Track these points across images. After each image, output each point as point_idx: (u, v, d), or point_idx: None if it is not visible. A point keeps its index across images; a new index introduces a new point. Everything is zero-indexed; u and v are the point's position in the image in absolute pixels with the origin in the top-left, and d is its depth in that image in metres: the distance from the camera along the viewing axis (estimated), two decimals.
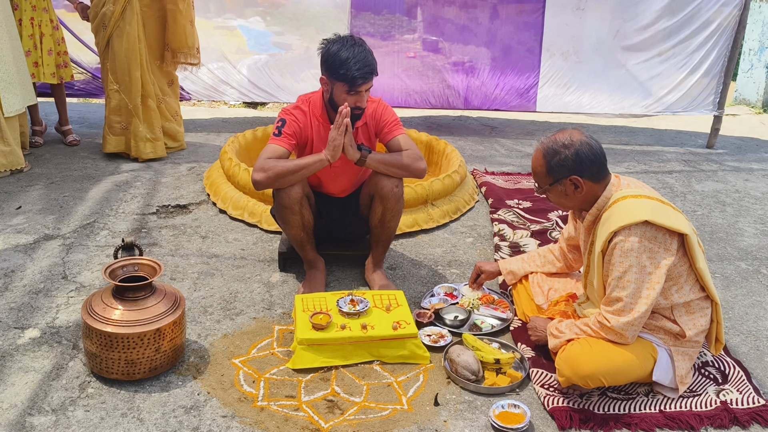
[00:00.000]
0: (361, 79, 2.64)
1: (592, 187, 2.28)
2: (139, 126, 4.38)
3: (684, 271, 2.22)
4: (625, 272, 2.16)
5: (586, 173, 2.25)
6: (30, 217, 3.54)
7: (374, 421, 2.18)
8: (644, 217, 2.13)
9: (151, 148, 4.46)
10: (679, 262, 2.20)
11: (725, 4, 5.19)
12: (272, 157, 2.69)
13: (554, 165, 2.27)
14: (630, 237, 2.14)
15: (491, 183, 4.34)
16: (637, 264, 2.14)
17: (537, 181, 2.36)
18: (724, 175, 4.88)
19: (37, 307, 2.73)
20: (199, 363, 2.44)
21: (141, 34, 4.28)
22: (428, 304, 2.87)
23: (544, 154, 2.29)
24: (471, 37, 5.43)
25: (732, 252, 3.59)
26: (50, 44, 4.45)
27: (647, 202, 2.21)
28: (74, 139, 4.78)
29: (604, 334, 2.22)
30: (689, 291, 2.25)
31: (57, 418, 2.13)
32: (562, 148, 2.25)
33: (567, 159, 2.24)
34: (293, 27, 5.50)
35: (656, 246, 2.15)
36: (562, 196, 2.33)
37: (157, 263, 2.36)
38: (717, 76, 5.42)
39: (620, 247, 2.16)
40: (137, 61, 4.28)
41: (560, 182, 2.29)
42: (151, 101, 4.41)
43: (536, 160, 2.33)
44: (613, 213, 2.22)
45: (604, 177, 2.29)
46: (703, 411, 2.26)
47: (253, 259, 3.24)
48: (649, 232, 2.14)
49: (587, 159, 2.24)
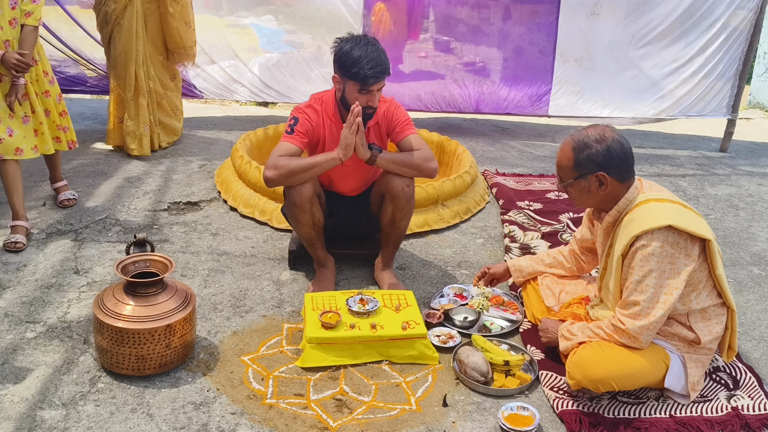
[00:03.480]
0: (373, 78, 2.64)
1: (617, 186, 2.25)
2: (128, 121, 4.40)
3: (704, 277, 2.19)
4: (645, 276, 2.12)
5: (614, 171, 2.22)
6: (42, 212, 3.56)
7: (382, 421, 2.18)
8: (667, 222, 2.09)
9: (136, 144, 4.44)
10: (700, 268, 2.17)
11: (740, 7, 5.14)
12: (284, 155, 2.69)
13: (583, 159, 2.23)
14: (652, 242, 2.11)
15: (502, 184, 4.33)
16: (658, 269, 2.11)
17: (561, 174, 2.31)
18: (738, 179, 4.84)
19: (48, 301, 2.75)
20: (209, 360, 2.44)
21: (140, 30, 4.31)
22: (438, 304, 2.86)
23: (574, 147, 2.24)
24: (483, 38, 5.41)
25: (745, 257, 3.56)
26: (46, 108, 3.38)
27: (670, 206, 2.18)
28: (67, 198, 3.65)
29: (617, 338, 2.20)
30: (706, 297, 2.22)
31: (67, 412, 2.14)
32: (593, 143, 2.21)
33: (597, 154, 2.20)
34: (305, 26, 5.51)
35: (678, 252, 2.11)
36: (585, 192, 2.28)
37: (168, 260, 2.37)
38: (731, 80, 5.37)
39: (642, 252, 2.13)
40: (132, 57, 4.31)
41: (585, 177, 2.24)
42: (142, 99, 4.41)
43: (563, 153, 2.28)
44: (635, 216, 2.18)
45: (629, 178, 2.26)
46: (713, 417, 2.24)
47: (263, 257, 3.24)
48: (672, 237, 2.11)
49: (617, 157, 2.21)
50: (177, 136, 4.81)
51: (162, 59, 4.57)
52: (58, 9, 5.03)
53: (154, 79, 4.50)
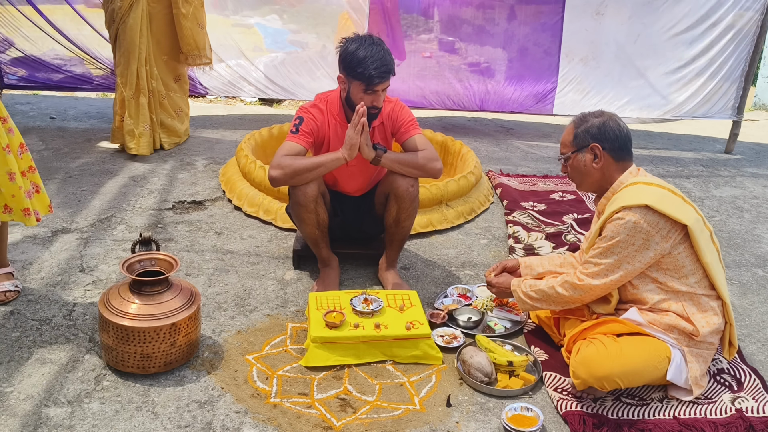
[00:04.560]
0: (377, 78, 2.65)
1: (611, 164, 2.35)
2: (127, 119, 4.40)
3: (688, 262, 2.24)
4: (614, 245, 2.23)
5: (607, 145, 2.34)
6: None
7: (386, 421, 2.19)
8: (645, 202, 2.19)
9: (134, 143, 4.42)
10: (684, 252, 2.23)
11: (746, 8, 5.12)
12: (289, 155, 2.70)
13: (580, 132, 2.38)
14: (628, 215, 2.20)
15: (506, 185, 4.33)
16: (627, 241, 2.21)
17: (562, 150, 2.46)
18: (743, 181, 4.82)
19: (54, 299, 2.76)
20: (213, 358, 2.45)
21: (145, 29, 4.31)
22: (441, 304, 2.86)
23: (575, 122, 2.42)
24: (488, 38, 5.40)
25: (749, 259, 3.55)
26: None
27: (657, 189, 2.27)
28: (6, 291, 2.71)
29: (567, 293, 2.35)
30: (695, 284, 2.26)
31: (73, 410, 2.15)
32: (591, 117, 2.39)
33: (593, 126, 2.35)
34: (310, 25, 5.52)
35: (654, 231, 2.19)
36: (581, 167, 2.39)
37: (173, 258, 2.38)
38: (737, 81, 5.35)
39: (617, 222, 2.23)
40: (135, 55, 4.31)
41: (582, 151, 2.37)
42: (143, 98, 4.41)
43: (566, 130, 2.45)
44: (621, 195, 2.29)
45: (624, 158, 2.36)
46: (717, 418, 2.24)
47: (267, 257, 3.25)
48: (651, 216, 2.19)
49: (611, 131, 2.34)
50: (180, 138, 4.79)
51: (166, 59, 4.58)
52: (65, 8, 5.05)
53: (157, 79, 4.51)
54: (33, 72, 5.33)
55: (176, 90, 4.71)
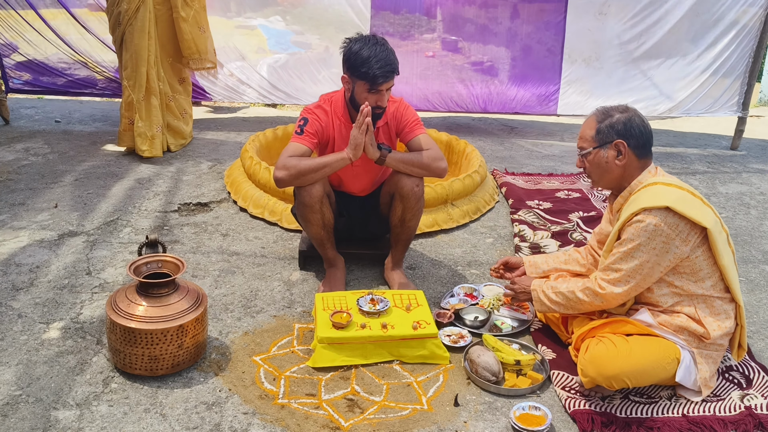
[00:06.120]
0: (382, 77, 2.65)
1: (633, 161, 2.29)
2: (138, 122, 4.40)
3: (705, 265, 2.21)
4: (635, 249, 2.18)
5: (633, 142, 2.27)
6: (54, 214, 3.59)
7: (394, 421, 2.18)
8: (666, 203, 2.14)
9: (147, 146, 4.42)
10: (702, 255, 2.19)
11: (750, 4, 5.10)
12: (294, 155, 2.70)
13: (604, 127, 2.30)
14: (648, 218, 2.16)
15: (511, 183, 4.32)
16: (648, 245, 2.17)
17: (582, 144, 2.37)
18: (749, 177, 4.81)
19: (61, 302, 2.77)
20: (221, 360, 2.46)
21: (152, 31, 4.32)
22: (448, 304, 2.86)
23: (597, 115, 2.34)
24: (491, 37, 5.39)
25: (756, 255, 3.53)
26: None
27: (676, 190, 2.21)
28: None
29: (589, 300, 2.30)
30: (711, 287, 2.23)
31: (81, 412, 2.15)
32: (616, 112, 2.30)
33: (618, 122, 2.28)
34: (313, 26, 5.52)
35: (674, 234, 2.15)
36: (602, 164, 2.32)
37: (180, 260, 2.39)
38: (741, 77, 5.34)
39: (637, 225, 2.18)
40: (144, 57, 4.31)
41: (605, 147, 2.30)
42: (154, 99, 4.41)
43: (587, 123, 2.36)
44: (640, 196, 2.23)
45: (646, 156, 2.31)
46: (726, 416, 2.23)
47: (273, 258, 3.25)
48: (671, 218, 2.15)
49: (637, 128, 2.27)
50: (185, 139, 4.80)
51: (171, 62, 4.59)
52: (67, 12, 5.06)
53: (164, 81, 4.52)
54: (37, 76, 5.35)
55: (181, 92, 4.73)
